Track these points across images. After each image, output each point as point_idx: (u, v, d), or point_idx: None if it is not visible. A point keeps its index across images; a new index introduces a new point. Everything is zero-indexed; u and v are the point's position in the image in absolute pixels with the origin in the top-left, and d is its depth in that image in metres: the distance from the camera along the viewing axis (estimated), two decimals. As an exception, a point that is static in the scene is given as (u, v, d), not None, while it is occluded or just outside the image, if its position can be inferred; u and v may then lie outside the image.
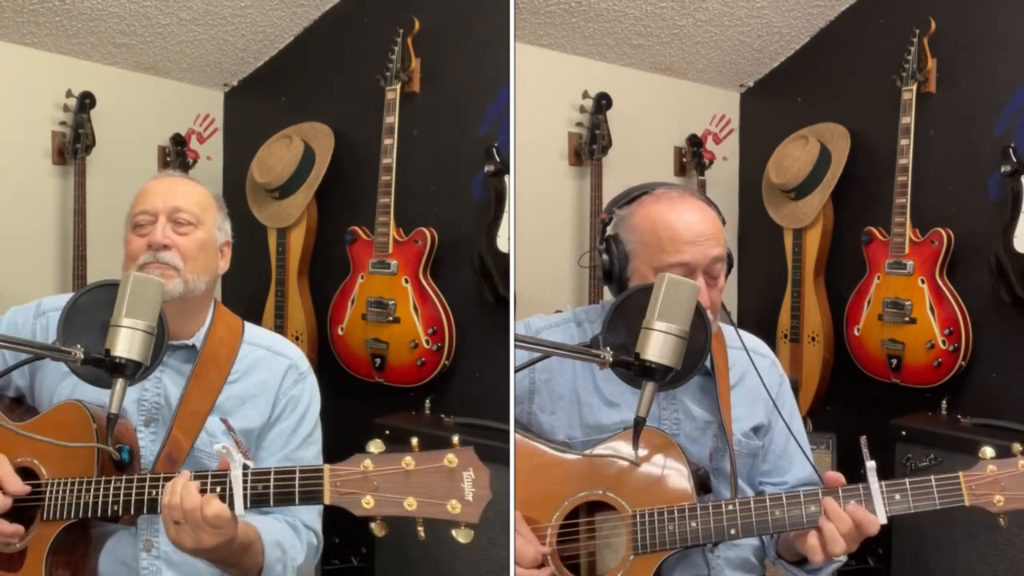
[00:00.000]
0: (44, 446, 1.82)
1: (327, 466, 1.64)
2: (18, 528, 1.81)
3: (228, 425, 1.87)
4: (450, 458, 1.61)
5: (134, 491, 1.77)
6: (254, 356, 2.07)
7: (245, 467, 1.67)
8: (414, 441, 1.64)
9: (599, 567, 1.95)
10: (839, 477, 1.86)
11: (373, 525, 1.62)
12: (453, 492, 1.61)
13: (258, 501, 1.67)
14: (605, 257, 2.01)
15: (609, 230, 2.03)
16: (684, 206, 1.97)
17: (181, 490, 1.69)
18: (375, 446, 1.63)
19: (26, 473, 1.84)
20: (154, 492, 1.76)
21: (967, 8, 3.29)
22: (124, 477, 1.79)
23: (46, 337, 2.00)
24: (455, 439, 1.64)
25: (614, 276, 2.00)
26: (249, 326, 2.13)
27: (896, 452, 3.09)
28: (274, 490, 1.67)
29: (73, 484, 1.80)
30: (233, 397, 2.02)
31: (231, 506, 1.67)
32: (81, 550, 1.89)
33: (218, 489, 1.68)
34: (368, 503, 1.60)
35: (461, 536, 1.62)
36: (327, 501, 1.63)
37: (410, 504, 1.60)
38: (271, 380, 2.06)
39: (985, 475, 1.79)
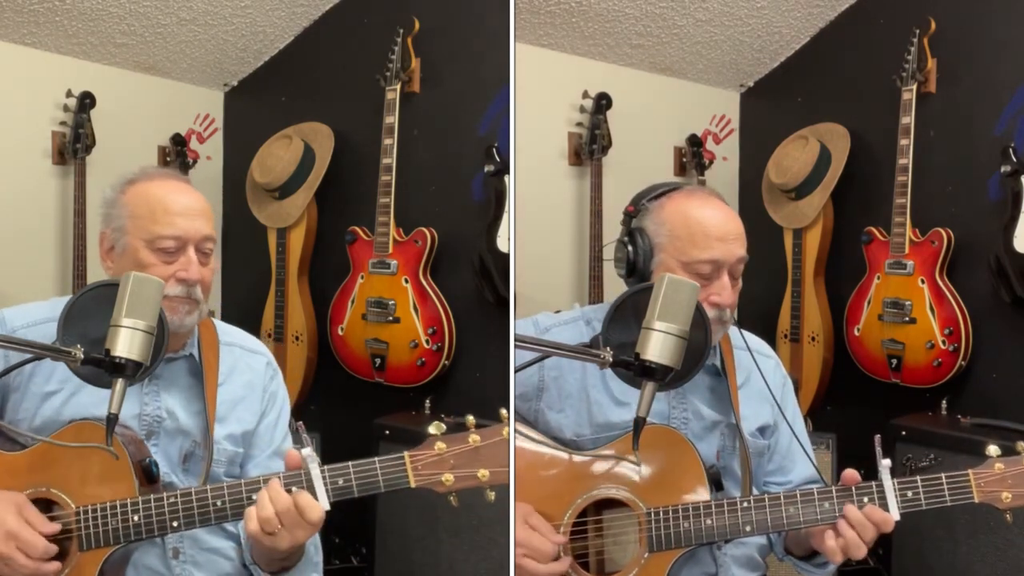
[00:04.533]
0: (63, 475, 1.82)
1: (407, 452, 1.79)
2: (56, 566, 1.79)
3: (300, 427, 1.87)
4: (506, 430, 1.80)
5: (195, 502, 1.80)
6: (232, 356, 2.07)
7: (321, 463, 1.77)
8: (470, 419, 1.81)
9: (608, 565, 1.95)
10: (855, 475, 1.87)
11: (451, 497, 1.80)
12: None
13: (342, 493, 1.78)
14: (629, 249, 1.99)
15: (635, 223, 2.02)
16: (714, 204, 2.01)
17: (272, 497, 1.74)
18: (436, 427, 1.80)
19: (45, 504, 1.82)
20: (219, 502, 1.80)
21: (967, 8, 3.29)
22: (179, 492, 1.82)
23: (7, 361, 1.92)
24: (503, 412, 1.81)
25: (637, 269, 1.99)
26: (217, 323, 2.11)
27: (896, 452, 3.09)
28: (356, 481, 1.77)
29: (116, 508, 1.80)
30: (225, 401, 2.02)
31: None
32: (116, 571, 1.88)
33: (294, 489, 1.76)
34: (448, 480, 1.78)
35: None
36: (412, 484, 1.78)
37: (483, 475, 1.78)
38: (255, 380, 2.08)
39: (993, 472, 1.83)
